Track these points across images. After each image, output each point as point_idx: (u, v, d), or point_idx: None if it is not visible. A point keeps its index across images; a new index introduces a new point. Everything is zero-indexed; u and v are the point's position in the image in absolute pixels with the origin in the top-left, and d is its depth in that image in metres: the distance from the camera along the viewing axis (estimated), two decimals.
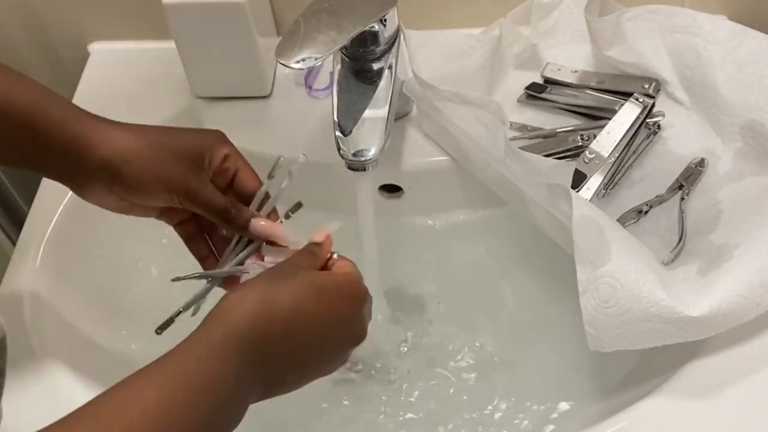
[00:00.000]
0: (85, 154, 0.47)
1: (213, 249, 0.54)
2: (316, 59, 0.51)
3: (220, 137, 0.51)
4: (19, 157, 0.49)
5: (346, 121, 0.57)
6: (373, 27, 0.56)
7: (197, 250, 0.54)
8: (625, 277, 0.50)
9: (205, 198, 0.49)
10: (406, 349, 0.67)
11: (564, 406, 0.63)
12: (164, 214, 0.52)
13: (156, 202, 0.49)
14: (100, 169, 0.47)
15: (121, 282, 0.69)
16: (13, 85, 0.47)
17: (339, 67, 0.59)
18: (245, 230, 0.50)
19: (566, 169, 0.57)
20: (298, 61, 0.51)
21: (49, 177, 0.50)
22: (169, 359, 0.38)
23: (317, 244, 0.49)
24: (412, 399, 0.65)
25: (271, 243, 0.51)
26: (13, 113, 0.46)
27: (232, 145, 0.51)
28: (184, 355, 0.39)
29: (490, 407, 0.64)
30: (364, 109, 0.58)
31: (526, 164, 0.56)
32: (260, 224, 0.50)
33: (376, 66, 0.59)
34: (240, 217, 0.50)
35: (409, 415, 0.64)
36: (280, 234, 0.51)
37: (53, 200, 0.65)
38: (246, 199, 0.52)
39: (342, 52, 0.59)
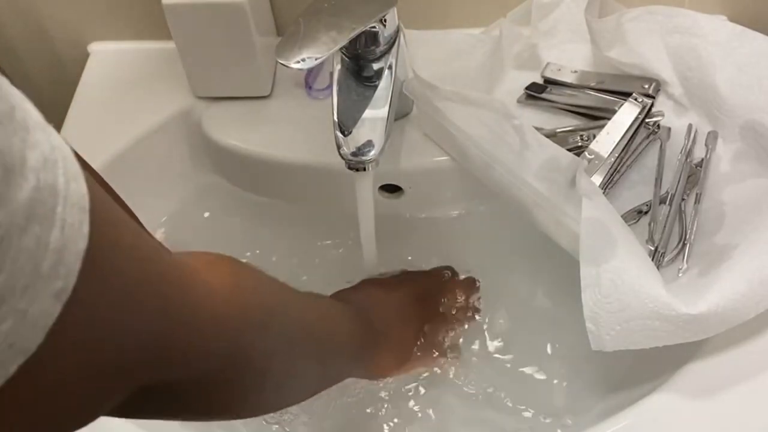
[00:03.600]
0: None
1: None
2: (315, 59, 0.51)
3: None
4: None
5: (346, 121, 0.57)
6: (373, 27, 0.56)
7: None
8: (626, 273, 0.50)
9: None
10: None
11: (564, 406, 0.63)
12: None
13: None
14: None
15: None
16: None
17: (339, 67, 0.59)
18: None
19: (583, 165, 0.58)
20: (298, 61, 0.51)
21: None
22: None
23: None
24: (411, 392, 0.65)
25: None
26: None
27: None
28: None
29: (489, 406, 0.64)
30: (364, 109, 0.58)
31: (545, 156, 0.56)
32: None
33: (376, 66, 0.59)
34: None
35: (411, 403, 0.64)
36: None
37: None
38: None
39: (342, 52, 0.59)
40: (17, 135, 0.21)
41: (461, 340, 0.67)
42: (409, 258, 0.71)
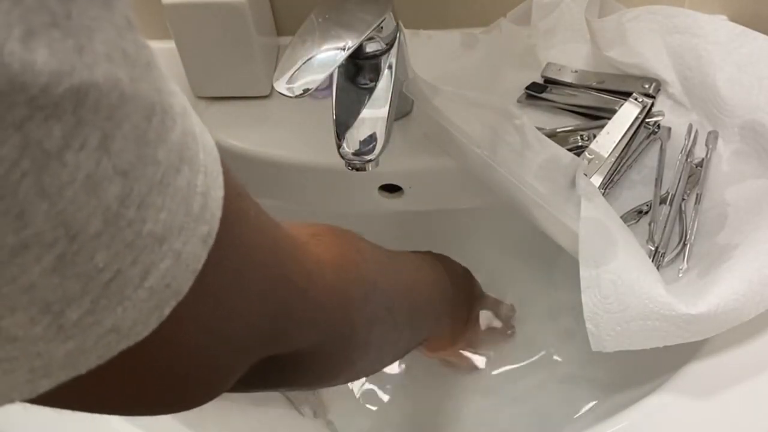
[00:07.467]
0: None
1: None
2: (316, 83, 0.52)
3: None
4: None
5: (346, 121, 0.57)
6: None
7: None
8: (626, 273, 0.50)
9: None
10: None
11: (563, 406, 0.63)
12: None
13: None
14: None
15: None
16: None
17: (339, 66, 0.59)
18: None
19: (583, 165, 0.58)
20: (300, 88, 0.52)
21: None
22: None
23: None
24: (412, 387, 0.65)
25: None
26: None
27: None
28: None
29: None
30: (364, 109, 0.58)
31: (546, 156, 0.57)
32: None
33: (375, 66, 0.59)
34: None
35: (417, 393, 0.64)
36: None
37: None
38: None
39: None
40: (163, 81, 0.22)
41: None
42: None
